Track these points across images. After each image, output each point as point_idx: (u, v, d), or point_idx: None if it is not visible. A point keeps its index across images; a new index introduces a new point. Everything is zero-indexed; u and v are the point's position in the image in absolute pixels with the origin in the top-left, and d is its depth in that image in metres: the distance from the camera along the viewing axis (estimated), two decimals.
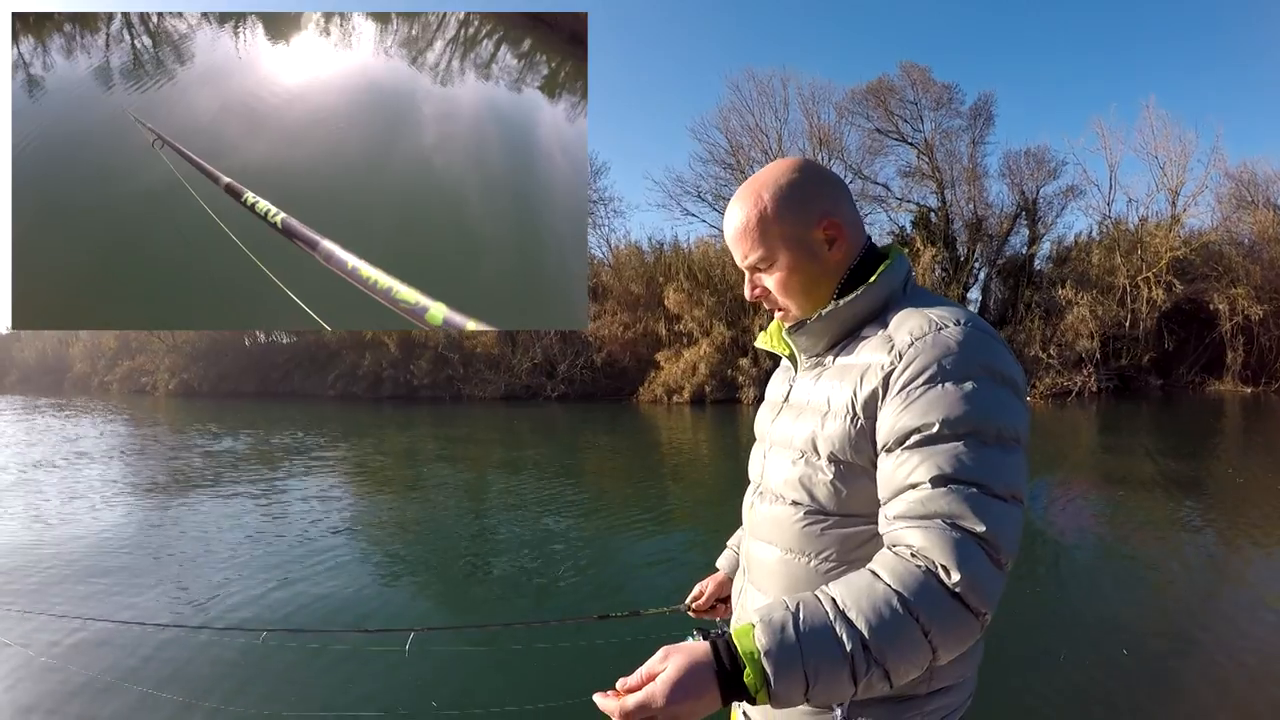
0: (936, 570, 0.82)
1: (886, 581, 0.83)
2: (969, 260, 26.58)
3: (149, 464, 10.89)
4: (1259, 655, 3.53)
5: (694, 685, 0.79)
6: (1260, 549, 5.47)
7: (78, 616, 4.04)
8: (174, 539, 6.07)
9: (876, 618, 0.80)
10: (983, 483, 0.86)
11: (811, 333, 1.08)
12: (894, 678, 0.81)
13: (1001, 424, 0.89)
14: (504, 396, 27.25)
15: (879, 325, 1.02)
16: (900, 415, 0.91)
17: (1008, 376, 0.93)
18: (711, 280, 25.31)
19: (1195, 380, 23.71)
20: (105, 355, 44.92)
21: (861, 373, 0.97)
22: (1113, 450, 11.89)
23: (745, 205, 1.07)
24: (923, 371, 0.91)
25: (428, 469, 10.66)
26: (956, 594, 0.81)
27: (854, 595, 0.82)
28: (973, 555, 0.83)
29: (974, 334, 0.94)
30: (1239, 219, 24.72)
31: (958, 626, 0.82)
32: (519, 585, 4.91)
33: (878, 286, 1.04)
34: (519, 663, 3.31)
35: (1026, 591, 4.44)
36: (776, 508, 1.06)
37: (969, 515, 0.84)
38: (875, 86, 26.73)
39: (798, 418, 1.07)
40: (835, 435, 0.98)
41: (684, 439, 14.70)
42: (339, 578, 4.93)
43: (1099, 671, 3.37)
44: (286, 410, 23.10)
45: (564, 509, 7.26)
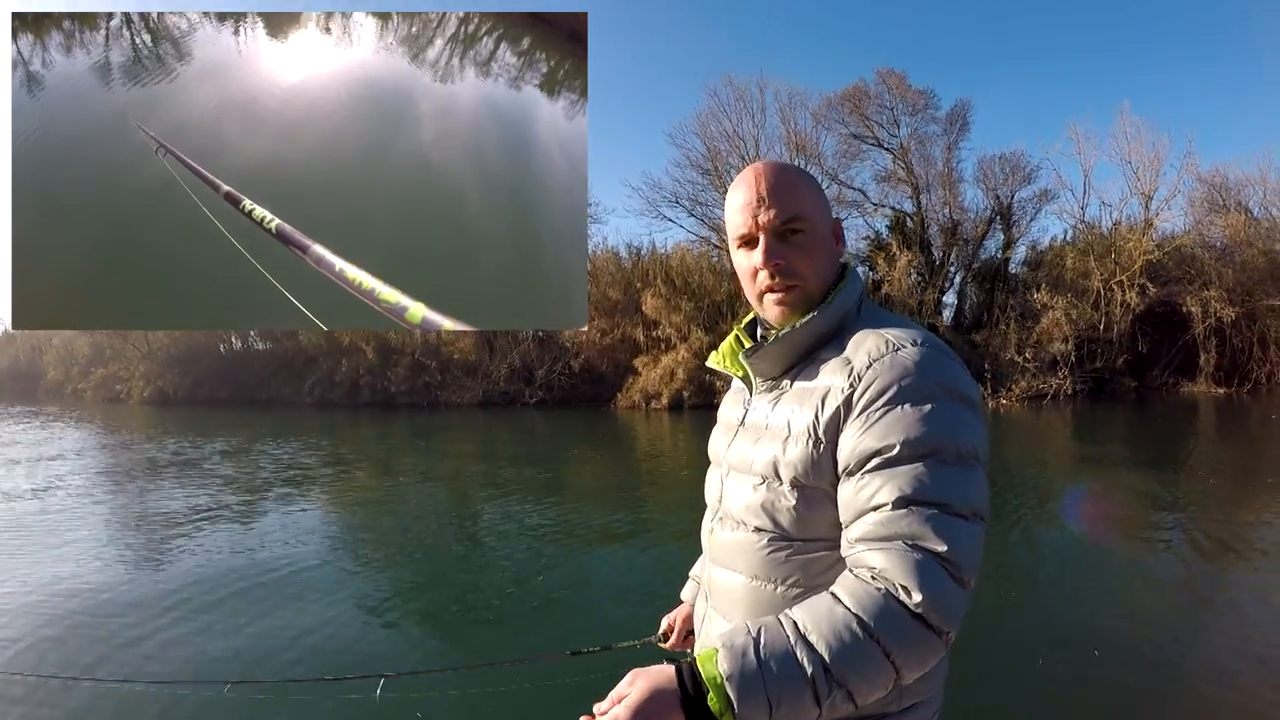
0: (897, 592, 0.83)
1: (846, 605, 0.84)
2: (944, 264, 26.69)
3: (105, 488, 10.61)
4: (1231, 655, 3.59)
5: (657, 710, 0.80)
6: (1230, 550, 5.53)
7: (17, 673, 3.70)
8: (126, 579, 5.68)
9: (837, 641, 0.81)
10: (943, 502, 0.86)
11: (767, 356, 1.07)
12: (858, 698, 0.82)
13: (960, 443, 0.90)
14: (481, 403, 27.04)
15: (835, 348, 1.01)
16: (861, 438, 0.91)
17: (964, 395, 0.94)
18: (689, 286, 25.26)
19: (1169, 382, 23.89)
20: (79, 362, 44.21)
21: (822, 396, 0.97)
22: (1089, 453, 11.98)
23: (788, 168, 1.07)
24: (882, 393, 0.92)
25: (400, 488, 10.43)
26: (918, 615, 0.82)
27: (814, 619, 0.83)
28: (933, 575, 0.83)
29: (930, 354, 0.95)
30: (1211, 222, 24.96)
31: (919, 646, 0.82)
32: (491, 619, 4.75)
33: (833, 307, 1.04)
34: (492, 704, 3.19)
35: (1003, 596, 4.47)
36: (739, 534, 1.05)
37: (930, 536, 0.85)
38: (852, 92, 26.80)
39: (756, 442, 1.05)
40: (797, 460, 0.97)
41: (663, 446, 14.62)
42: (304, 618, 4.67)
43: (1074, 675, 3.41)
44: (262, 418, 22.79)
45: (538, 531, 7.11)
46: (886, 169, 27.38)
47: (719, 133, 27.31)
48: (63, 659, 4.07)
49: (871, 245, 26.74)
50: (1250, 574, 5.00)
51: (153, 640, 4.36)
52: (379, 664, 3.96)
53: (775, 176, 1.04)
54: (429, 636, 4.56)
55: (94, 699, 3.48)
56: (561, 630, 4.49)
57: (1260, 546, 5.60)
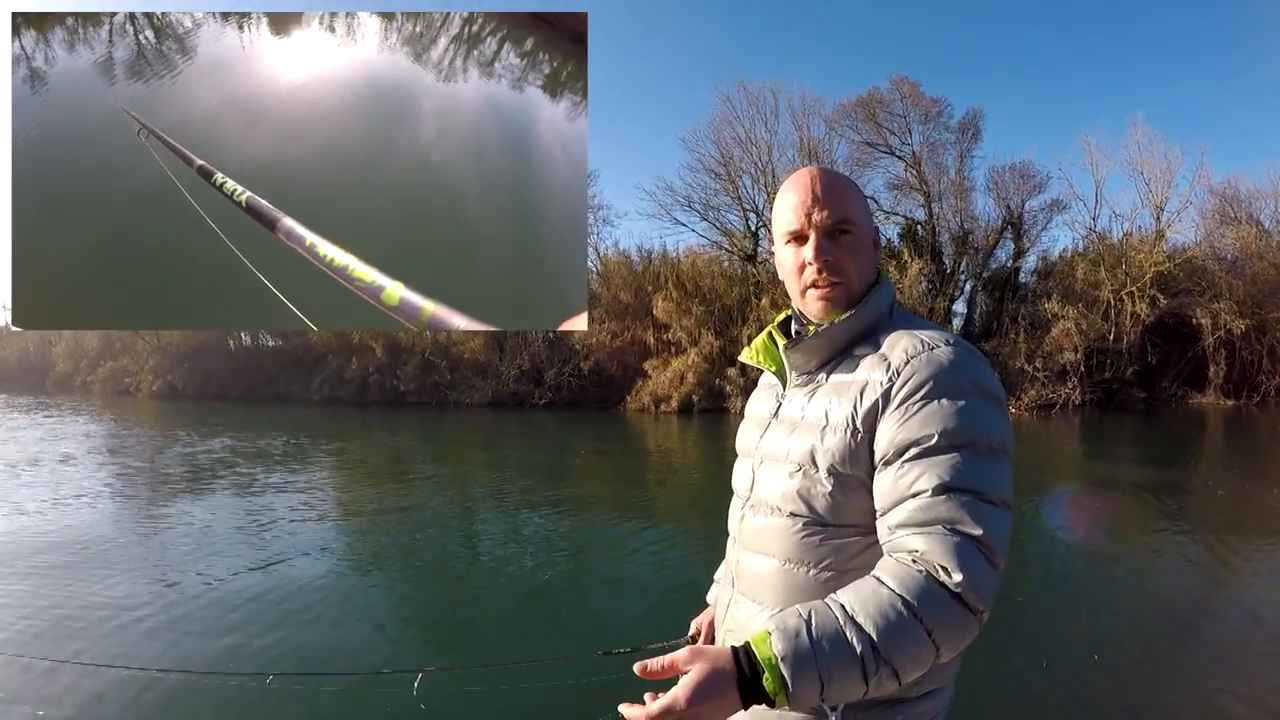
0: (938, 573, 0.88)
1: (891, 586, 0.88)
2: (955, 273, 26.72)
3: (125, 479, 10.72)
4: (1236, 662, 3.63)
5: (715, 689, 0.85)
6: (1240, 557, 5.55)
7: (75, 662, 3.79)
8: (157, 572, 5.82)
9: (884, 620, 0.85)
10: (978, 490, 0.92)
11: (807, 349, 1.13)
12: (902, 675, 0.86)
13: (991, 436, 0.96)
14: (491, 403, 27.07)
15: (870, 345, 1.08)
16: (899, 429, 0.97)
17: (993, 393, 1.01)
18: (700, 290, 25.27)
19: (1178, 393, 23.87)
20: (88, 355, 44.29)
21: (860, 389, 1.03)
22: (1097, 462, 12.02)
23: (840, 175, 1.15)
24: (919, 388, 0.97)
25: (416, 489, 10.53)
26: (957, 594, 0.87)
27: (861, 601, 0.88)
28: (971, 557, 0.89)
29: (963, 353, 1.02)
30: (1222, 234, 25.00)
31: (958, 625, 0.87)
32: (520, 620, 4.83)
33: (869, 308, 1.11)
34: (526, 700, 3.28)
35: (1011, 599, 4.52)
36: (773, 519, 1.09)
37: (967, 520, 0.90)
38: (865, 100, 26.84)
39: (792, 432, 1.10)
40: (835, 449, 1.02)
41: (672, 447, 14.67)
42: (339, 614, 4.80)
43: (1079, 677, 3.47)
44: (271, 415, 22.86)
45: (559, 533, 7.20)
46: (899, 177, 27.42)
47: (732, 138, 27.40)
48: (108, 651, 4.19)
49: (883, 253, 26.68)
50: (1252, 587, 5.04)
51: (196, 629, 4.51)
52: (413, 660, 4.02)
53: (829, 180, 1.12)
54: (458, 634, 4.66)
55: (139, 688, 3.56)
56: (590, 630, 4.55)
57: (1268, 557, 5.63)
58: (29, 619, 4.64)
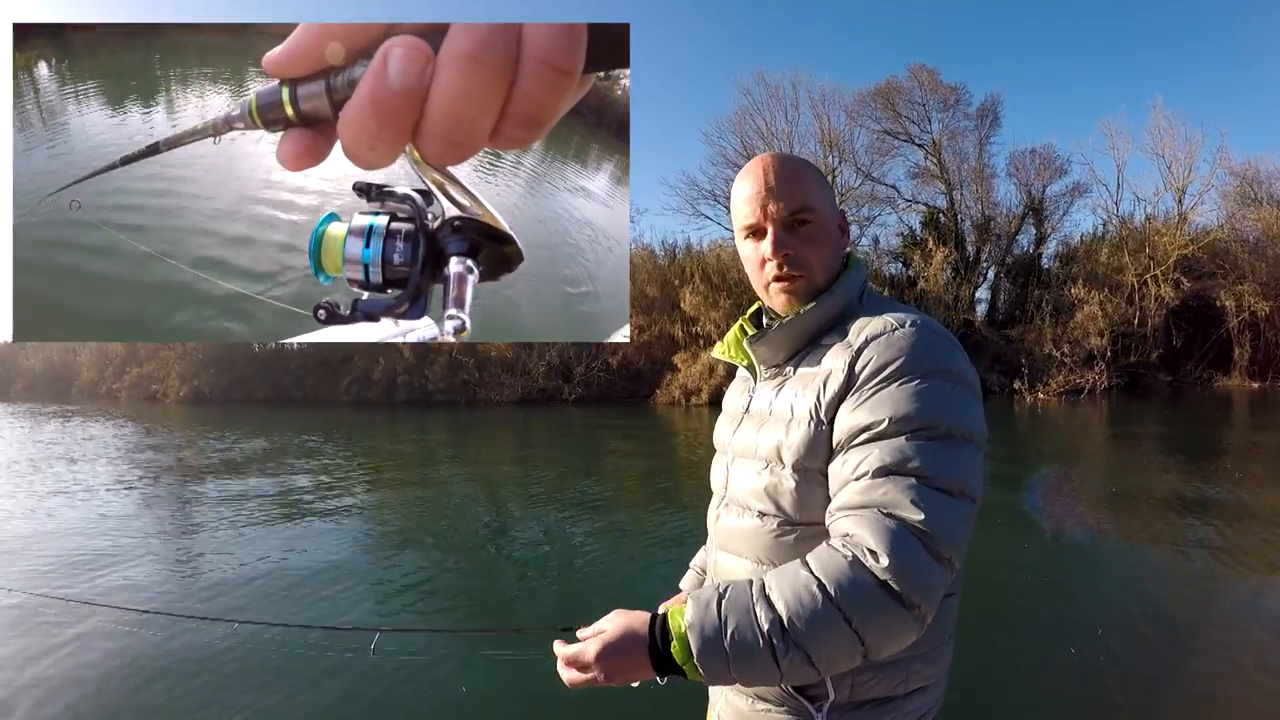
0: (864, 556, 0.82)
1: (811, 568, 0.84)
2: (978, 260, 26.91)
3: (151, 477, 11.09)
4: (1254, 655, 3.50)
5: (624, 648, 0.87)
6: (1263, 544, 5.41)
7: (208, 617, 4.11)
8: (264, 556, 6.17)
9: (797, 602, 0.81)
10: (925, 475, 0.86)
11: (772, 342, 1.08)
12: (819, 664, 0.82)
13: (952, 422, 0.90)
14: (520, 400, 27.44)
15: (838, 334, 1.02)
16: (853, 414, 0.92)
17: (960, 375, 0.94)
18: (728, 283, 25.54)
19: (1203, 376, 24.06)
20: (113, 362, 44.90)
21: (824, 379, 0.98)
22: (1125, 447, 12.13)
23: (794, 160, 1.08)
24: (877, 372, 0.93)
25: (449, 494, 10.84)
26: (884, 581, 0.81)
27: (779, 580, 0.85)
28: (905, 543, 0.82)
29: (926, 334, 0.95)
30: (1244, 216, 25.08)
31: (884, 615, 0.81)
32: (541, 594, 4.92)
33: (836, 296, 1.06)
34: (491, 669, 3.43)
35: (1027, 584, 4.49)
36: (745, 519, 1.06)
37: (905, 505, 0.84)
38: (884, 88, 27.08)
39: (760, 428, 1.06)
40: (799, 443, 0.98)
41: (704, 440, 14.80)
42: (448, 575, 5.16)
43: (1095, 668, 3.38)
44: (298, 418, 23.01)
45: (579, 535, 6.93)
46: (919, 165, 27.70)
47: (753, 130, 27.68)
48: (218, 605, 4.58)
49: (906, 242, 26.98)
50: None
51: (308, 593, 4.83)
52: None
53: (783, 168, 1.05)
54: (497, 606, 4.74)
55: (239, 641, 3.79)
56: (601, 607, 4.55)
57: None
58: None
